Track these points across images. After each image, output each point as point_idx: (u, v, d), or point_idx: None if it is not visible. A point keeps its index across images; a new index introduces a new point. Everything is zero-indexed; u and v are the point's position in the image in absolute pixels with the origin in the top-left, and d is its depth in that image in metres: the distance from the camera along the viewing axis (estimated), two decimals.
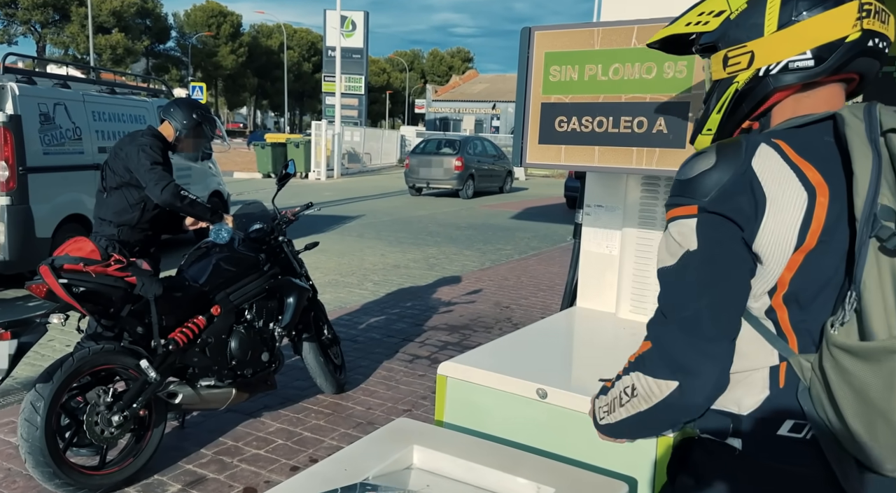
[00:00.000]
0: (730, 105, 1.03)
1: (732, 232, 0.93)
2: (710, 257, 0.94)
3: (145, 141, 3.34)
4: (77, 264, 2.65)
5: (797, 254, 0.91)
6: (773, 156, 0.93)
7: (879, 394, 0.81)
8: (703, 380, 0.93)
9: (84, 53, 40.20)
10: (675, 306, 0.96)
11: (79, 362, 2.65)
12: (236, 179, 19.58)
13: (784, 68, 0.97)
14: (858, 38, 0.94)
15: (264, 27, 62.92)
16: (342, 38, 25.87)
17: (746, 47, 1.00)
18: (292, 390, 3.88)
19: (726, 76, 1.03)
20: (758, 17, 0.98)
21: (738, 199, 0.92)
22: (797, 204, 0.90)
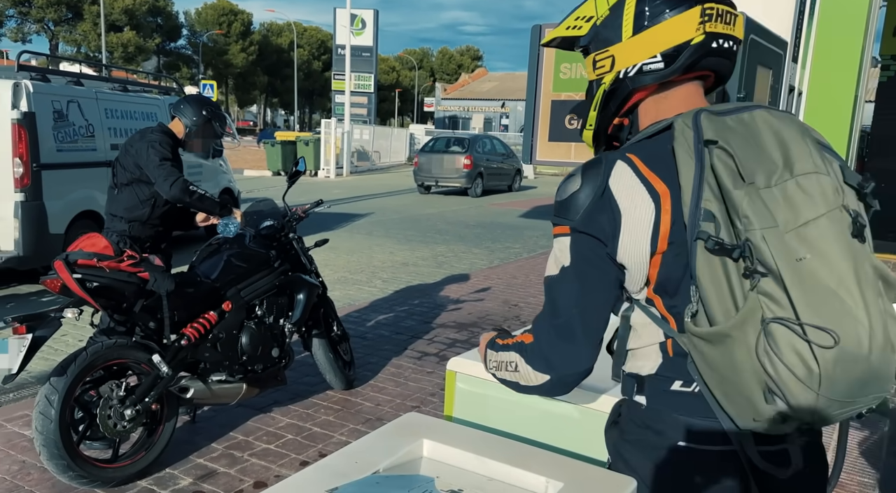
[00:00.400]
0: (601, 103, 1.13)
1: (598, 250, 1.05)
2: (581, 272, 1.06)
3: (155, 137, 3.39)
4: (91, 259, 2.68)
5: (655, 257, 1.02)
6: (627, 172, 1.03)
7: (726, 369, 0.97)
8: (570, 378, 1.11)
9: (96, 51, 40.50)
10: (552, 313, 1.09)
11: (92, 356, 2.68)
12: (246, 177, 19.67)
13: (639, 70, 1.07)
14: (703, 41, 1.04)
15: (274, 25, 63.12)
16: (352, 36, 25.92)
17: (608, 52, 1.10)
18: (302, 386, 3.91)
19: (596, 78, 1.13)
20: (616, 23, 1.08)
21: (600, 218, 1.03)
22: (646, 215, 1.01)
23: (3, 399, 3.64)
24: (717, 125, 0.98)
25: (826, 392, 0.91)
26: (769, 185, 0.93)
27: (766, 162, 0.95)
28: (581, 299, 1.06)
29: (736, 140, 0.97)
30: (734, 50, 1.08)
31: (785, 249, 0.90)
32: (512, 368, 1.16)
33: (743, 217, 0.91)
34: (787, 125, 1.00)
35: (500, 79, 54.31)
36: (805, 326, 0.89)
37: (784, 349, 0.91)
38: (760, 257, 0.91)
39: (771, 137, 0.98)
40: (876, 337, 0.91)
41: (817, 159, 0.97)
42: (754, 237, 0.91)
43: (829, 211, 0.93)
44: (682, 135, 1.01)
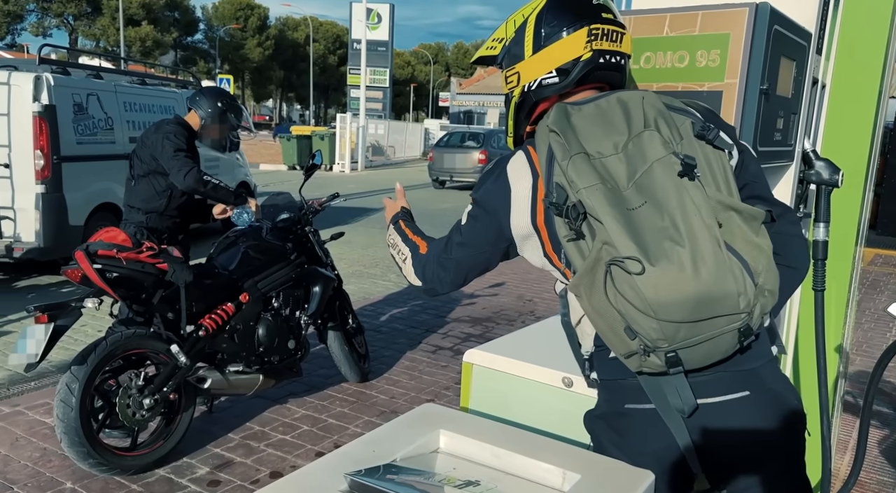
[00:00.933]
0: (514, 113, 1.30)
1: (485, 220, 1.27)
2: (469, 230, 1.30)
3: (170, 129, 3.42)
4: (111, 250, 2.72)
5: (539, 223, 1.20)
6: (520, 157, 1.23)
7: (594, 315, 1.12)
8: (433, 290, 1.39)
9: (114, 45, 40.89)
10: (444, 247, 1.34)
11: (112, 345, 2.71)
12: (262, 171, 19.78)
13: (540, 84, 1.25)
14: (590, 57, 1.21)
15: (290, 20, 63.30)
16: (368, 30, 25.94)
17: (515, 69, 1.28)
18: (317, 378, 3.93)
19: (508, 91, 1.31)
20: (520, 44, 1.26)
21: (494, 196, 1.25)
22: (527, 188, 1.20)
23: (25, 387, 3.70)
24: (561, 114, 1.16)
25: (664, 315, 1.04)
26: (616, 152, 1.10)
27: (613, 134, 1.12)
28: (462, 251, 1.31)
29: (583, 122, 1.14)
30: (622, 64, 1.25)
31: (613, 201, 1.06)
32: (402, 258, 1.44)
33: (570, 182, 1.09)
34: (632, 98, 1.16)
35: None
36: (626, 260, 1.03)
37: (621, 286, 1.04)
38: (591, 212, 1.06)
39: (619, 112, 1.15)
40: (703, 259, 1.02)
41: (650, 119, 1.13)
42: (581, 196, 1.07)
43: (659, 158, 1.08)
44: (541, 126, 1.20)
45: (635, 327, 1.06)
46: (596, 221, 1.06)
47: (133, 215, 3.48)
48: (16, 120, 5.51)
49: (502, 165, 1.26)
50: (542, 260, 1.26)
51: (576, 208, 1.08)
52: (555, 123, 1.15)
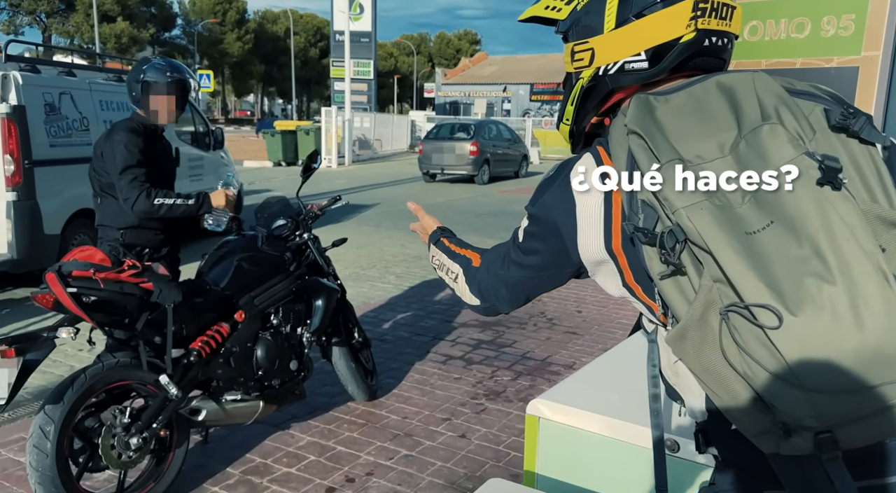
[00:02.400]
0: (578, 100, 1.04)
1: (544, 240, 1.02)
2: (524, 254, 1.07)
3: (119, 138, 2.86)
4: (87, 270, 2.37)
5: (617, 251, 0.94)
6: (589, 162, 0.96)
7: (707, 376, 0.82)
8: (493, 309, 1.19)
9: (89, 42, 39.93)
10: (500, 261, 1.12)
11: (92, 379, 2.38)
12: (247, 168, 19.30)
13: (620, 69, 0.97)
14: (693, 39, 0.93)
15: (269, 13, 62.34)
16: (350, 21, 25.38)
17: (588, 44, 0.99)
18: (322, 398, 3.61)
19: (573, 71, 1.03)
20: (599, 12, 0.97)
21: (554, 210, 0.99)
22: (597, 205, 0.94)
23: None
24: (642, 109, 0.89)
25: (812, 383, 0.74)
26: (722, 154, 0.83)
27: (716, 131, 0.85)
28: (517, 271, 1.09)
29: (673, 117, 0.87)
30: (729, 48, 0.98)
31: (726, 222, 0.78)
32: (452, 277, 1.25)
33: (664, 199, 0.83)
34: (739, 81, 0.88)
35: (500, 63, 53.61)
36: (751, 308, 0.75)
37: (748, 341, 0.77)
38: (695, 239, 0.80)
39: (722, 101, 0.87)
40: (865, 301, 0.74)
41: (768, 109, 0.84)
42: (680, 218, 0.81)
43: (788, 162, 0.80)
44: (616, 124, 0.93)
45: (770, 399, 0.77)
46: (703, 252, 0.80)
47: (107, 233, 3.01)
48: None
49: (565, 171, 1.00)
50: (621, 290, 1.01)
51: (672, 235, 0.81)
52: (636, 123, 0.89)
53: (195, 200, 2.88)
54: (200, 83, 32.48)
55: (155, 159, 2.95)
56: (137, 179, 2.79)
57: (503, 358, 4.28)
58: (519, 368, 4.11)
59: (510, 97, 45.11)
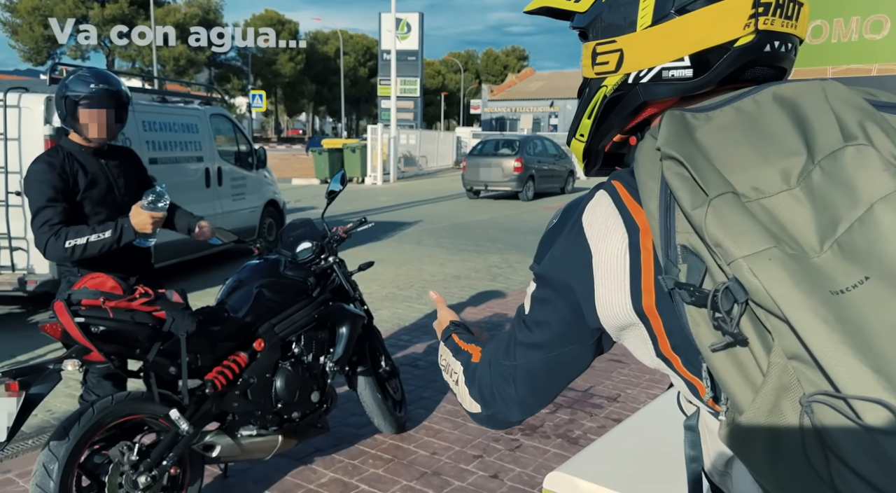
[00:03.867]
0: (599, 112, 0.84)
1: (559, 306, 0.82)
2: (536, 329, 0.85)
3: (31, 172, 2.51)
4: (97, 299, 2.28)
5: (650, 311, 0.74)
6: (605, 203, 0.78)
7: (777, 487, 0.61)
8: (499, 418, 0.94)
9: (149, 65, 41.63)
10: (505, 349, 0.89)
11: (100, 413, 2.27)
12: (294, 186, 19.60)
13: (657, 77, 0.77)
14: (752, 42, 0.74)
15: (321, 34, 63.82)
16: (397, 40, 25.66)
17: (616, 44, 0.80)
18: (347, 429, 3.45)
19: (595, 77, 0.84)
20: (631, 4, 0.77)
21: (566, 265, 0.80)
22: (620, 254, 0.75)
23: (20, 448, 3.29)
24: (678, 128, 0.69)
25: None
26: (788, 186, 0.63)
27: (778, 155, 0.65)
28: (530, 357, 0.86)
29: (717, 139, 0.68)
30: (791, 56, 0.78)
31: (803, 277, 0.58)
32: (454, 380, 1.02)
33: (715, 246, 0.62)
34: (803, 92, 0.69)
35: (548, 78, 53.35)
36: (851, 401, 0.54)
37: (846, 447, 0.54)
38: (763, 301, 0.59)
39: (782, 117, 0.67)
40: None
41: (850, 126, 0.63)
42: (740, 272, 0.60)
43: (885, 196, 0.59)
44: (645, 152, 0.72)
45: None
46: (774, 317, 0.58)
47: (67, 270, 2.63)
48: (27, 144, 5.20)
49: (574, 214, 0.81)
50: (655, 361, 0.79)
51: (729, 294, 0.60)
52: (672, 145, 0.68)
53: (112, 232, 2.45)
54: (253, 103, 33.41)
55: (90, 184, 2.57)
56: (47, 224, 2.43)
57: None
58: (558, 399, 3.86)
59: (557, 112, 44.72)
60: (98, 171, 2.62)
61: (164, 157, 6.48)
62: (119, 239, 2.47)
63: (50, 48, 43.94)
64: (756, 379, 0.61)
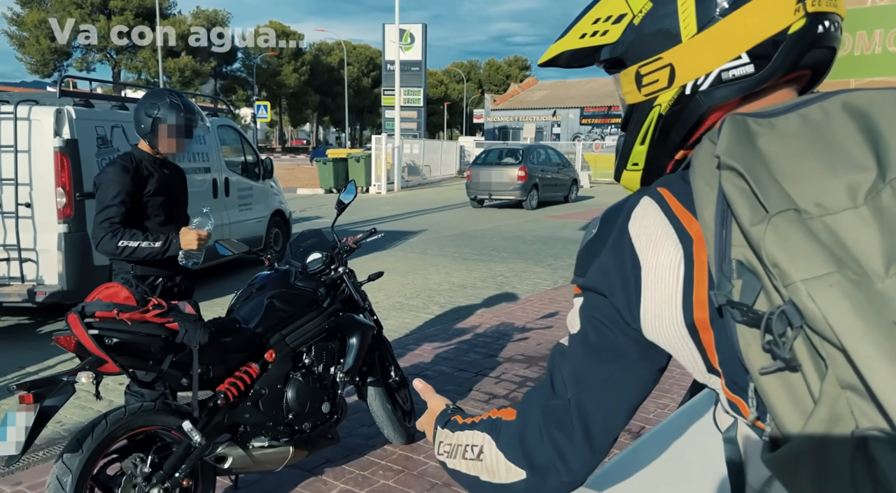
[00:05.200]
0: (655, 134, 0.82)
1: (612, 315, 0.77)
2: (590, 343, 0.79)
3: (107, 172, 2.87)
4: (110, 310, 2.29)
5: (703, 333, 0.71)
6: (652, 210, 0.75)
7: None
8: (554, 483, 0.80)
9: (155, 77, 41.90)
10: (549, 389, 0.82)
11: (113, 425, 2.28)
12: (299, 196, 19.65)
13: (717, 80, 0.76)
14: (805, 27, 0.73)
15: (325, 45, 64.22)
16: (401, 51, 25.80)
17: (663, 59, 0.78)
18: (357, 440, 3.44)
19: (644, 99, 0.82)
20: (670, 18, 0.77)
21: (613, 274, 0.76)
22: (673, 267, 0.72)
23: (31, 459, 3.29)
24: (740, 136, 0.66)
25: None
26: (854, 204, 0.60)
27: (845, 169, 0.61)
28: (585, 381, 0.79)
29: (783, 148, 0.64)
30: (839, 35, 0.77)
31: (865, 304, 0.55)
32: (473, 454, 0.88)
33: (773, 267, 0.59)
34: (883, 104, 0.65)
35: (550, 87, 53.50)
36: None
37: None
38: (819, 327, 0.56)
39: (853, 130, 0.64)
40: None
41: None
42: (797, 295, 0.57)
43: None
44: (702, 158, 0.71)
45: None
46: (830, 344, 0.56)
47: (119, 265, 2.97)
48: (37, 156, 5.25)
49: (617, 223, 0.77)
50: (707, 376, 0.76)
51: (784, 317, 0.58)
52: (733, 154, 0.65)
53: (161, 244, 2.80)
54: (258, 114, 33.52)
55: (157, 191, 2.94)
56: (108, 220, 2.77)
57: None
58: None
59: (559, 121, 44.81)
60: (162, 178, 2.99)
61: None
62: (165, 251, 2.81)
63: (56, 60, 44.29)
64: (806, 406, 0.59)
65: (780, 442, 0.61)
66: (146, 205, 2.91)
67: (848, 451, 0.56)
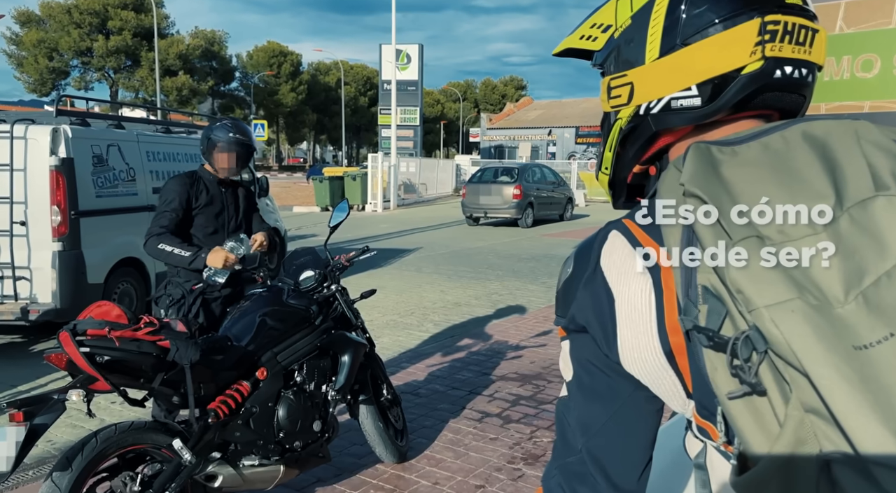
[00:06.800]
0: (617, 145, 0.86)
1: (597, 354, 0.77)
2: (584, 389, 0.79)
3: (168, 183, 3.29)
4: (102, 328, 2.30)
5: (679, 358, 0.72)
6: (620, 243, 0.76)
7: None
8: None
9: (153, 96, 42.13)
10: (563, 448, 0.81)
11: (103, 443, 2.28)
12: (296, 214, 19.68)
13: (666, 107, 0.78)
14: (760, 69, 0.74)
15: (322, 65, 64.78)
16: (397, 71, 26.05)
17: (627, 77, 0.81)
18: (348, 458, 3.43)
19: (610, 110, 0.85)
20: (639, 39, 0.79)
21: (589, 311, 0.77)
22: (644, 295, 0.73)
23: (21, 479, 3.27)
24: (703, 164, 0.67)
25: None
26: (814, 231, 0.61)
27: (805, 198, 0.63)
28: (591, 426, 0.77)
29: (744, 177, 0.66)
30: (809, 81, 0.77)
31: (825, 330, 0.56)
32: None
33: (737, 292, 0.61)
34: (835, 132, 0.67)
35: (545, 107, 53.96)
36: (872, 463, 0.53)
37: None
38: (782, 352, 0.57)
39: (812, 159, 0.65)
40: None
41: (883, 173, 0.62)
42: (761, 322, 0.59)
43: None
44: (668, 181, 0.71)
45: None
46: (793, 369, 0.58)
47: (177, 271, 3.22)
48: (32, 175, 5.27)
49: (589, 259, 0.78)
50: (685, 403, 0.76)
51: (749, 342, 0.60)
52: (696, 182, 0.67)
53: (190, 254, 3.06)
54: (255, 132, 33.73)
55: (208, 204, 3.28)
56: (159, 225, 3.13)
57: (543, 416, 4.03)
58: None
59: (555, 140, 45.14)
60: (217, 195, 3.32)
61: None
62: (191, 262, 3.06)
63: (54, 79, 44.52)
64: (773, 429, 0.60)
65: (748, 466, 0.62)
66: (196, 216, 3.26)
67: (813, 474, 0.57)
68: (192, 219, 3.25)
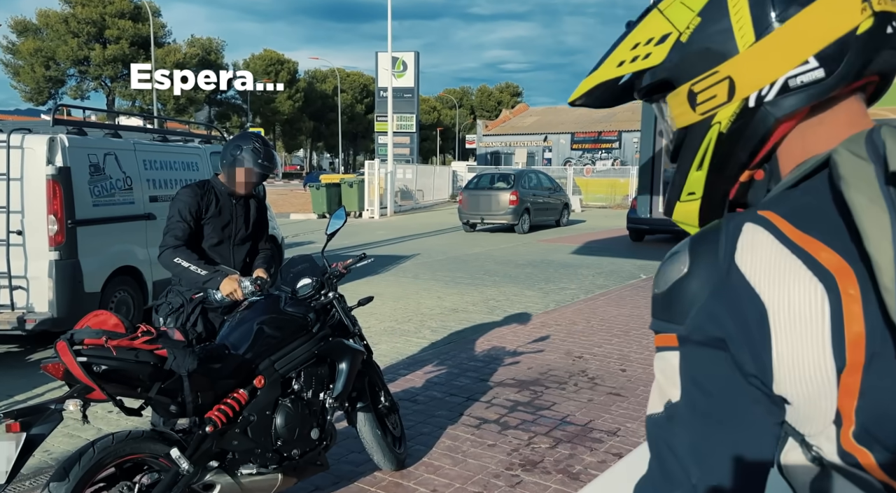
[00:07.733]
0: (715, 156, 0.74)
1: (727, 370, 0.65)
2: (701, 411, 0.66)
3: (180, 193, 3.30)
4: (99, 338, 2.30)
5: (847, 378, 0.60)
6: (765, 239, 0.64)
7: None
8: None
9: (149, 104, 42.16)
10: (663, 479, 0.68)
11: (100, 453, 2.27)
12: (293, 221, 19.68)
13: (784, 88, 0.68)
14: (873, 26, 0.66)
15: (319, 72, 64.92)
16: (393, 78, 26.11)
17: (719, 73, 0.71)
18: (346, 466, 3.43)
19: (699, 119, 0.74)
20: (722, 30, 0.70)
21: (727, 321, 0.64)
22: (815, 307, 0.60)
23: (18, 489, 3.27)
24: None
25: None
26: None
27: None
28: (709, 456, 0.66)
29: None
30: None
31: None
32: None
33: None
34: None
35: (541, 113, 54.14)
36: None
37: None
38: None
39: None
40: None
41: None
42: None
43: None
44: (854, 171, 0.60)
45: None
46: None
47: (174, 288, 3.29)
48: (29, 184, 5.27)
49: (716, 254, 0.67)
50: (825, 426, 0.64)
51: None
52: None
53: (206, 274, 3.08)
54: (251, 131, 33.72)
55: (216, 215, 3.31)
56: (173, 235, 3.16)
57: (541, 422, 4.03)
58: (558, 434, 3.85)
59: (551, 146, 45.27)
60: (227, 207, 3.35)
61: (164, 195, 6.54)
62: (205, 282, 3.10)
63: (51, 88, 44.54)
64: None
65: None
66: (205, 225, 3.30)
67: None
68: (201, 228, 3.30)
